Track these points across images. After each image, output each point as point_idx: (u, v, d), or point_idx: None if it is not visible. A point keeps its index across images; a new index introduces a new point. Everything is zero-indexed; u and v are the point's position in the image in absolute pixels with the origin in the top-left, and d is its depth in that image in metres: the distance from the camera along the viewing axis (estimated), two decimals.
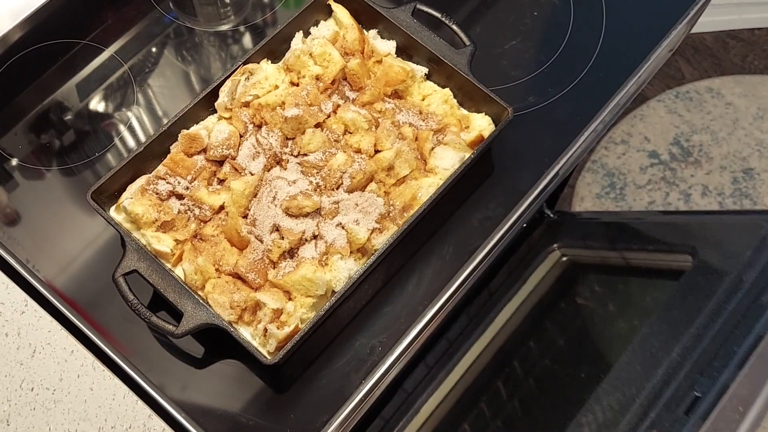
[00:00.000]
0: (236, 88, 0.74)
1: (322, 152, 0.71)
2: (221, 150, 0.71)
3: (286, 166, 0.72)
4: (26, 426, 0.65)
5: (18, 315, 0.69)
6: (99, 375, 0.67)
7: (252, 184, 0.70)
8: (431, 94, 0.77)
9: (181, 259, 0.69)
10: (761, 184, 1.70)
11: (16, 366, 0.67)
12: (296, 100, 0.73)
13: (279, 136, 0.72)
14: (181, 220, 0.70)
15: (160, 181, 0.70)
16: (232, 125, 0.73)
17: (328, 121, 0.74)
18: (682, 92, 1.81)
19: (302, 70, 0.76)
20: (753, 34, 1.91)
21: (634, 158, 1.73)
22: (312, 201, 0.68)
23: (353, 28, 0.77)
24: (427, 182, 0.72)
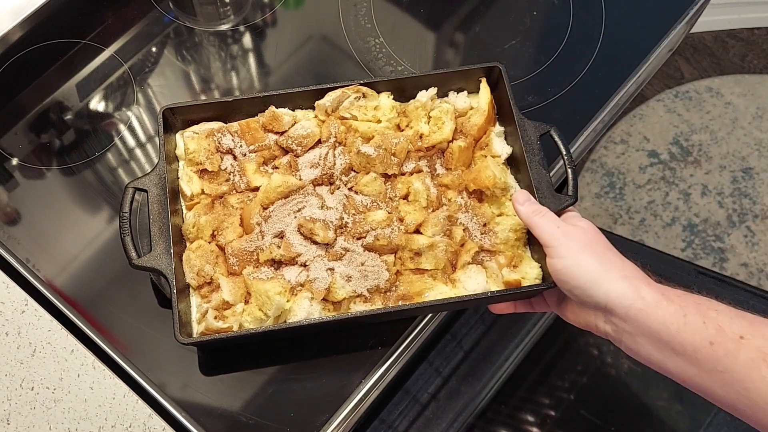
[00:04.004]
0: (343, 100, 0.73)
1: (371, 200, 0.70)
2: (293, 143, 0.71)
3: (334, 192, 0.70)
4: (26, 425, 0.65)
5: (18, 314, 0.69)
6: (99, 374, 0.67)
7: (289, 186, 0.69)
8: (507, 216, 0.71)
9: (192, 207, 0.70)
10: (761, 183, 1.70)
11: (17, 365, 0.67)
12: (382, 143, 0.71)
13: (346, 163, 0.71)
14: (220, 176, 0.71)
15: (228, 135, 0.71)
16: (319, 128, 0.72)
17: (398, 177, 0.72)
18: (682, 92, 1.82)
19: (412, 122, 0.74)
20: (752, 34, 1.91)
21: (633, 158, 1.73)
22: (325, 234, 0.67)
23: (483, 115, 0.74)
24: (441, 289, 0.68)
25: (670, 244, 1.64)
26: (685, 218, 1.67)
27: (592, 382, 1.02)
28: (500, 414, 1.03)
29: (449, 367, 1.01)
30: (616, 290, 0.57)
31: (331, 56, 0.85)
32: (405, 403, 0.99)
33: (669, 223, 1.66)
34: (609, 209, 1.68)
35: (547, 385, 1.03)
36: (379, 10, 0.88)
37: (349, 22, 0.87)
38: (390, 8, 0.89)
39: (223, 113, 0.73)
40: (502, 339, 1.03)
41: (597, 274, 0.58)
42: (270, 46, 0.86)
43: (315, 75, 0.83)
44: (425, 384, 1.00)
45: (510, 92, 0.73)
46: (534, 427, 1.02)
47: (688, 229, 1.65)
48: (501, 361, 1.02)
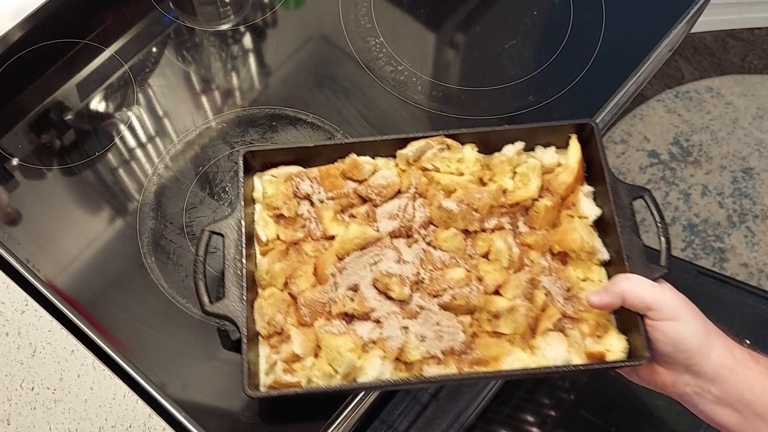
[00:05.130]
0: (426, 151, 0.70)
1: (449, 256, 0.67)
2: (372, 192, 0.69)
3: (411, 245, 0.68)
4: (27, 425, 0.65)
5: (18, 314, 0.69)
6: (99, 374, 0.67)
7: (366, 238, 0.67)
8: (593, 281, 0.68)
9: (266, 253, 0.68)
10: (761, 183, 1.70)
11: (17, 365, 0.67)
12: (465, 197, 0.68)
13: (426, 216, 0.68)
14: (296, 222, 0.69)
15: (307, 181, 0.69)
16: (399, 178, 0.70)
17: (480, 233, 0.68)
18: (682, 92, 1.81)
19: (496, 176, 0.71)
20: (752, 34, 1.91)
21: (633, 158, 1.73)
22: (401, 291, 0.64)
23: (572, 173, 0.70)
24: (519, 355, 0.64)
25: None
26: (685, 218, 1.67)
27: (592, 382, 1.02)
28: (500, 414, 1.03)
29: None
30: (717, 352, 0.55)
31: (332, 56, 0.85)
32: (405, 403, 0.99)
33: (669, 223, 1.66)
34: None
35: (548, 385, 1.03)
36: (379, 10, 0.88)
37: (350, 22, 0.87)
38: (390, 8, 0.89)
39: (301, 157, 0.71)
40: None
41: (704, 335, 0.56)
42: (270, 46, 0.86)
43: (315, 75, 0.83)
44: None
45: (602, 152, 0.69)
46: (534, 427, 1.02)
47: (688, 229, 1.65)
48: None
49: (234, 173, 0.77)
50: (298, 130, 0.80)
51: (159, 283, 0.71)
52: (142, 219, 0.74)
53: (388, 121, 0.80)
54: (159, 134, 0.80)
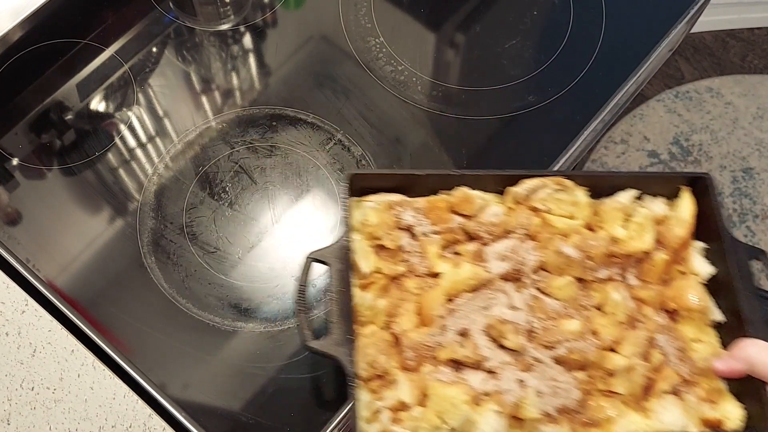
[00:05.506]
0: (539, 191, 0.66)
1: (562, 306, 0.63)
2: (482, 230, 0.64)
3: (521, 290, 0.63)
4: (27, 425, 0.65)
5: (18, 314, 0.69)
6: (99, 374, 0.67)
7: (480, 279, 0.62)
8: (705, 343, 0.64)
9: (367, 287, 0.62)
10: (761, 183, 1.70)
11: (17, 365, 0.67)
12: (580, 244, 0.64)
13: (538, 260, 0.64)
14: (396, 255, 0.63)
15: (410, 211, 0.64)
16: (506, 216, 0.65)
17: (593, 283, 0.64)
18: (682, 92, 1.82)
19: (605, 223, 0.66)
20: (753, 34, 1.91)
21: (633, 158, 1.74)
22: (516, 340, 0.60)
23: (686, 227, 0.66)
24: (634, 418, 0.60)
25: None
26: None
27: None
28: None
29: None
30: None
31: (332, 56, 0.85)
32: None
33: None
34: None
35: None
36: (379, 10, 0.88)
37: (350, 22, 0.87)
38: (390, 8, 0.89)
39: (403, 185, 0.66)
40: None
41: None
42: (270, 46, 0.86)
43: (315, 75, 0.83)
44: None
45: (718, 208, 0.65)
46: None
47: None
48: None
49: (233, 171, 0.77)
50: (298, 130, 0.80)
51: (159, 283, 0.71)
52: (142, 219, 0.74)
53: (388, 121, 0.80)
54: (159, 134, 0.80)
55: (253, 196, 0.76)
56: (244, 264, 0.73)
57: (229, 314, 0.70)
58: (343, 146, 0.79)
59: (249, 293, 0.72)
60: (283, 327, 0.70)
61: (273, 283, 0.72)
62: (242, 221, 0.75)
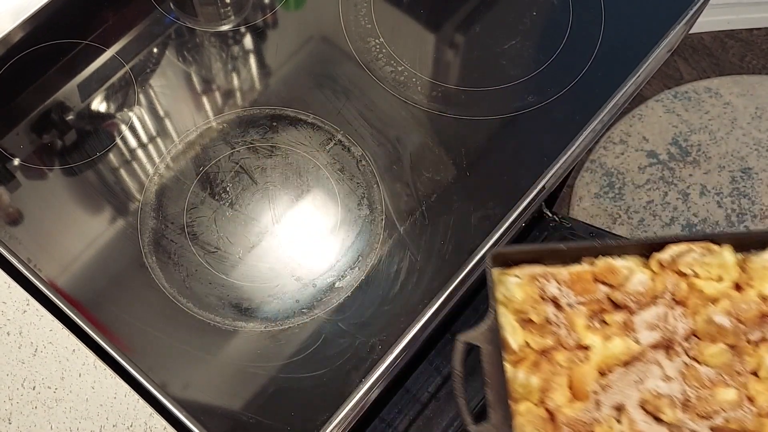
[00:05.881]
0: (685, 256, 0.65)
1: (716, 373, 0.62)
2: (629, 299, 0.64)
3: (673, 358, 0.63)
4: (28, 424, 0.65)
5: (20, 314, 0.69)
6: (100, 374, 0.67)
7: (632, 353, 0.63)
8: None
9: (518, 363, 0.63)
10: (759, 183, 1.70)
11: (18, 365, 0.67)
12: (732, 309, 0.63)
13: (689, 328, 0.63)
14: (544, 328, 0.63)
15: (553, 283, 0.64)
16: (652, 282, 0.65)
17: (745, 347, 0.64)
18: (681, 92, 1.82)
19: (756, 281, 0.65)
20: (751, 34, 1.91)
21: (632, 158, 1.74)
22: (673, 413, 0.60)
23: None
24: None
25: None
26: (684, 218, 1.67)
27: None
28: None
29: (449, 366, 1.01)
30: None
31: (332, 57, 0.85)
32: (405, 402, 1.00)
33: (668, 222, 1.67)
34: (608, 209, 1.68)
35: None
36: (379, 10, 0.88)
37: (350, 23, 0.87)
38: (390, 9, 0.89)
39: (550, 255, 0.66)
40: None
41: None
42: (270, 47, 0.86)
43: (315, 75, 0.83)
44: (425, 383, 1.01)
45: None
46: None
47: (687, 228, 1.66)
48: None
49: (233, 171, 0.77)
50: (298, 130, 0.80)
51: (160, 283, 0.71)
52: (143, 219, 0.75)
53: (388, 122, 0.81)
54: (160, 134, 0.80)
55: (254, 196, 0.77)
56: (244, 264, 0.73)
57: (230, 314, 0.71)
58: (343, 146, 0.79)
59: (249, 293, 0.72)
60: (283, 327, 0.70)
61: (273, 283, 0.72)
62: (243, 221, 0.75)
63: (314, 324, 0.70)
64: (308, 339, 0.70)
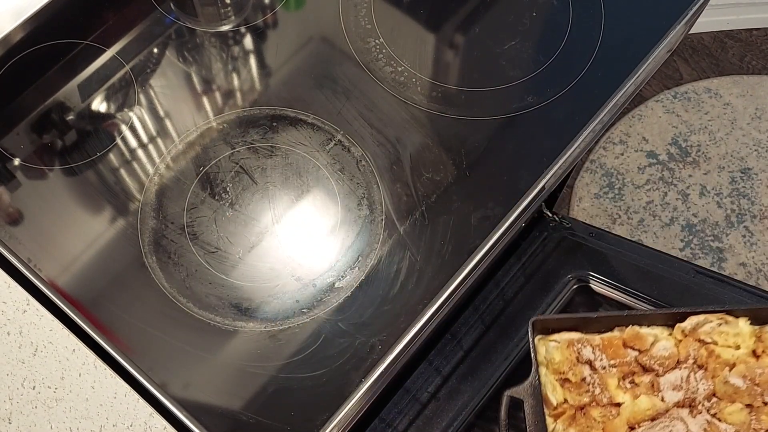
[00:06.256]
0: (704, 324, 0.75)
1: (735, 429, 0.71)
2: (655, 362, 0.74)
3: (696, 416, 0.72)
4: (28, 424, 0.65)
5: (20, 314, 0.69)
6: (100, 373, 0.67)
7: (657, 409, 0.71)
8: None
9: (558, 417, 0.73)
10: (759, 184, 1.70)
11: (18, 364, 0.67)
12: (747, 372, 0.72)
13: (709, 389, 0.72)
14: (580, 386, 0.73)
15: (588, 347, 0.75)
16: (677, 348, 0.75)
17: (762, 407, 0.72)
18: (681, 92, 1.82)
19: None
20: (751, 35, 1.91)
21: (632, 158, 1.74)
22: None
23: None
24: None
25: (668, 244, 1.64)
26: (683, 218, 1.67)
27: None
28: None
29: (449, 366, 1.02)
30: None
31: (332, 57, 0.85)
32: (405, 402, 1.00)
33: (667, 223, 1.67)
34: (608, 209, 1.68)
35: None
36: (379, 11, 0.88)
37: (349, 23, 0.87)
38: (390, 9, 0.89)
39: (586, 324, 0.77)
40: (501, 338, 1.04)
41: None
42: (271, 47, 0.86)
43: (315, 76, 0.83)
44: (425, 383, 1.01)
45: None
46: None
47: (686, 229, 1.66)
48: (501, 359, 1.02)
49: (233, 171, 0.77)
50: (298, 130, 0.80)
51: (160, 283, 0.71)
52: (143, 219, 0.75)
53: (388, 122, 0.81)
54: (160, 134, 0.80)
55: (254, 196, 0.77)
56: (244, 264, 0.73)
57: (230, 314, 0.71)
58: (343, 147, 0.79)
59: (250, 293, 0.72)
60: (283, 326, 0.70)
61: (273, 283, 0.72)
62: (243, 221, 0.75)
63: (314, 324, 0.71)
64: (308, 339, 0.70)
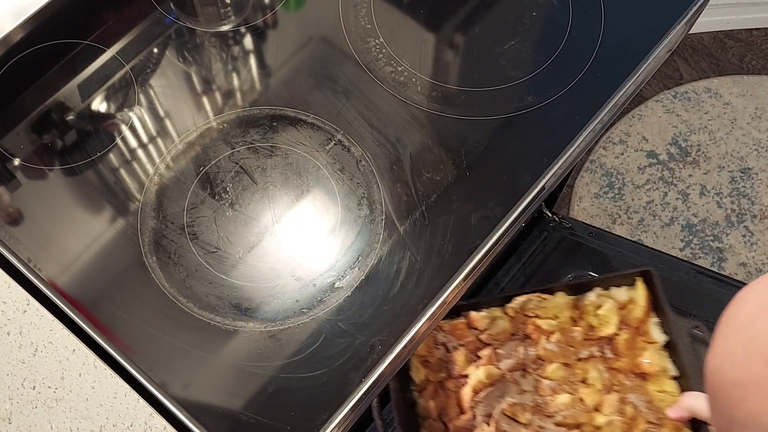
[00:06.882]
0: (528, 303, 0.93)
1: (556, 384, 0.87)
2: (492, 338, 0.91)
3: (526, 376, 0.88)
4: (28, 424, 0.65)
5: (20, 314, 0.69)
6: (100, 373, 0.67)
7: (494, 376, 0.87)
8: (668, 394, 0.87)
9: (421, 392, 0.88)
10: (759, 183, 1.70)
11: (18, 364, 0.67)
12: (561, 338, 0.89)
13: (535, 354, 0.90)
14: (438, 365, 0.89)
15: (441, 333, 0.91)
16: (509, 325, 0.92)
17: (577, 363, 0.89)
18: (681, 92, 1.82)
19: (584, 315, 0.93)
20: (751, 35, 1.91)
21: (632, 158, 1.74)
22: (524, 415, 0.84)
23: (641, 309, 0.91)
24: None
25: (668, 244, 1.64)
26: (683, 218, 1.67)
27: None
28: None
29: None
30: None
31: (332, 57, 0.85)
32: None
33: (668, 223, 1.67)
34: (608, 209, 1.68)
35: None
36: (379, 10, 0.88)
37: (349, 23, 0.87)
38: (390, 9, 0.89)
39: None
40: None
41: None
42: (271, 47, 0.86)
43: (315, 76, 0.83)
44: None
45: (661, 292, 0.90)
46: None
47: (686, 229, 1.66)
48: None
49: (234, 171, 0.77)
50: (298, 130, 0.80)
51: (160, 283, 0.71)
52: (143, 219, 0.75)
53: (388, 122, 0.81)
54: (160, 134, 0.80)
55: (254, 196, 0.77)
56: (244, 264, 0.73)
57: (230, 314, 0.71)
58: (343, 146, 0.79)
59: (250, 293, 0.72)
60: (283, 326, 0.70)
61: (273, 283, 0.72)
62: (243, 221, 0.75)
63: (314, 324, 0.71)
64: (308, 339, 0.70)
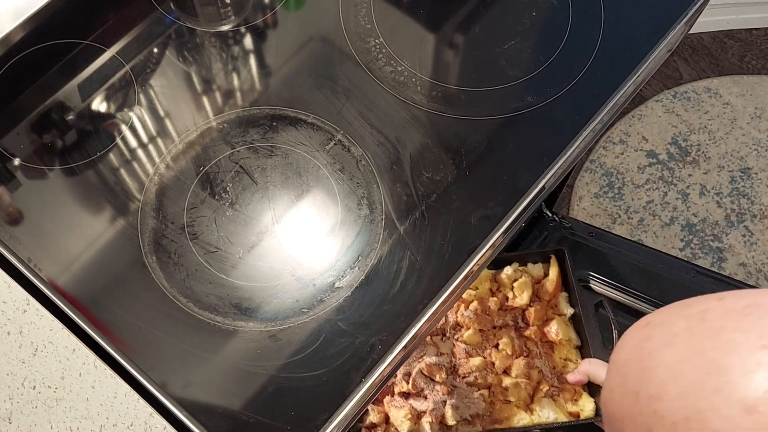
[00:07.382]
0: None
1: (472, 348, 0.96)
2: None
3: (445, 341, 0.97)
4: (28, 424, 0.65)
5: (20, 314, 0.69)
6: (101, 373, 0.67)
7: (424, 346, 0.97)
8: (572, 362, 0.97)
9: None
10: (759, 183, 1.70)
11: (18, 364, 0.67)
12: (478, 307, 0.97)
13: (454, 321, 0.98)
14: None
15: None
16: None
17: (492, 330, 0.97)
18: (680, 92, 1.82)
19: (501, 287, 1.02)
20: (750, 35, 1.91)
21: (632, 158, 1.74)
22: (440, 374, 0.93)
23: (553, 284, 1.01)
24: (522, 416, 0.92)
25: (668, 244, 1.64)
26: (683, 218, 1.67)
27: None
28: None
29: None
30: None
31: (332, 57, 0.85)
32: None
33: (667, 222, 1.67)
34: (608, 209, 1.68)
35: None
36: (379, 10, 0.88)
37: (349, 23, 0.87)
38: (390, 9, 0.89)
39: None
40: None
41: None
42: (271, 47, 0.86)
43: (315, 76, 0.84)
44: None
45: (571, 268, 1.01)
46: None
47: (686, 228, 1.66)
48: None
49: (234, 171, 0.77)
50: (298, 130, 0.80)
51: (160, 283, 0.71)
52: (143, 219, 0.75)
53: (388, 122, 0.81)
54: (160, 134, 0.80)
55: (254, 196, 0.77)
56: (244, 263, 0.73)
57: (230, 313, 0.71)
58: (343, 146, 0.79)
59: (250, 292, 0.72)
60: (283, 326, 0.71)
61: (274, 283, 0.73)
62: (243, 221, 0.75)
63: (314, 324, 0.71)
64: (308, 339, 0.70)
